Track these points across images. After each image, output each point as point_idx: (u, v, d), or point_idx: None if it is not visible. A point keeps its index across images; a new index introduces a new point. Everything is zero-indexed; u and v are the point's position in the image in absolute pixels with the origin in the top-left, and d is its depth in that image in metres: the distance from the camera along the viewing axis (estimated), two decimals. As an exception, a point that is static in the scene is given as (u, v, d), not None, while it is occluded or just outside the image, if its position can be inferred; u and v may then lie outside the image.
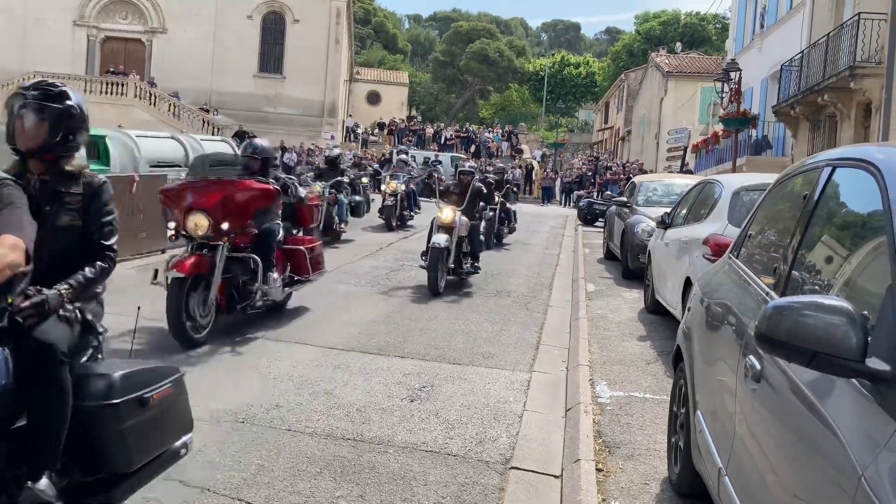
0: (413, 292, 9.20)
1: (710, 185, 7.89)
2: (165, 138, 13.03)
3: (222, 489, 3.60)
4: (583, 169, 35.86)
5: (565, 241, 17.03)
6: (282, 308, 7.59)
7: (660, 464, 4.23)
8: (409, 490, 3.80)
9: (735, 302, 3.08)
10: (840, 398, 1.86)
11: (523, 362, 6.46)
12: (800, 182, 3.02)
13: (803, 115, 19.53)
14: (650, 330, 7.80)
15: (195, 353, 5.94)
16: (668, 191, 12.15)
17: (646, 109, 41.48)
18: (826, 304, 1.80)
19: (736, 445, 2.59)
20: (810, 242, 2.58)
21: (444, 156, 34.76)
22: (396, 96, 52.96)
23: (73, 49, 37.77)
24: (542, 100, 60.20)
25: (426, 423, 4.79)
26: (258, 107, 38.55)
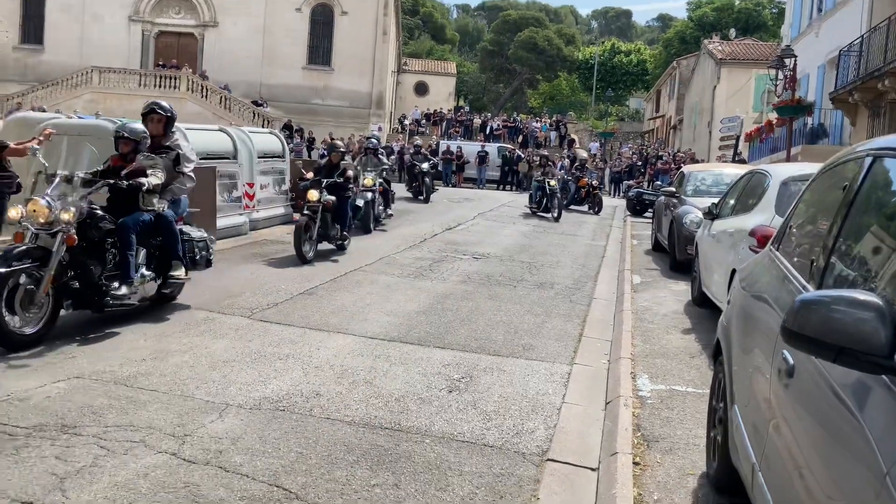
0: (455, 284, 9.23)
1: (758, 175, 7.71)
2: (214, 131, 13.24)
3: (260, 476, 3.68)
4: (632, 158, 35.34)
5: (613, 231, 16.83)
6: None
7: (698, 458, 4.17)
8: (444, 480, 3.83)
9: (772, 295, 3.02)
10: (869, 395, 1.81)
11: (564, 354, 6.42)
12: (841, 173, 2.93)
13: (862, 101, 18.93)
14: (696, 323, 7.68)
15: (237, 340, 6.06)
16: (718, 181, 11.90)
17: (698, 97, 40.67)
18: (855, 298, 1.75)
19: (769, 441, 2.54)
20: (848, 235, 2.51)
21: (491, 146, 34.67)
22: (444, 87, 52.92)
23: (129, 44, 38.74)
24: (591, 88, 59.53)
25: (464, 413, 4.81)
26: (307, 99, 38.98)
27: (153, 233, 6.63)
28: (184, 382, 5.00)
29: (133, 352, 5.64)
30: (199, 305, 7.24)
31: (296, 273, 9.24)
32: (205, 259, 7.26)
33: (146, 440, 4.01)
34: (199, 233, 7.31)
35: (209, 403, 4.64)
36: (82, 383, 4.85)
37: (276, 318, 6.95)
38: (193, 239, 7.11)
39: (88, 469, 3.62)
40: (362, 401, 4.89)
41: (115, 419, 4.28)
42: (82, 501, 3.31)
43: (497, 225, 16.37)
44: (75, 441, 3.93)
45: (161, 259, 6.77)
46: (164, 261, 6.78)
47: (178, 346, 5.87)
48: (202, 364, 5.43)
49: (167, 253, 6.76)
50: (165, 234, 6.69)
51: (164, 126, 6.97)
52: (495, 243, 13.21)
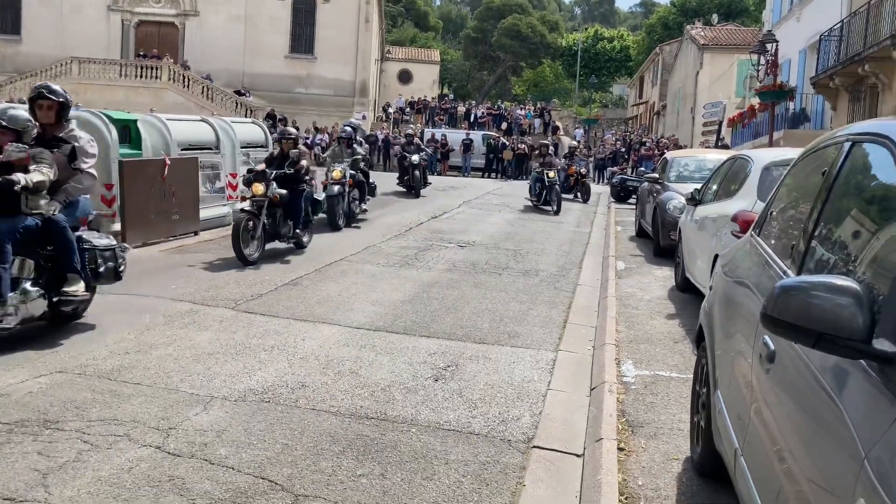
0: (441, 273, 9.23)
1: (740, 160, 7.75)
2: (196, 121, 13.12)
3: (246, 468, 3.67)
4: (616, 145, 35.41)
5: (597, 218, 16.88)
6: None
7: (682, 443, 4.21)
8: (429, 469, 3.83)
9: (753, 281, 3.03)
10: (848, 380, 1.83)
11: (549, 341, 6.45)
12: (821, 158, 2.95)
13: (843, 86, 19.04)
14: (679, 308, 7.72)
15: (222, 332, 6.04)
16: (701, 166, 11.98)
17: (681, 83, 40.77)
18: (834, 284, 1.77)
19: (751, 426, 2.56)
20: (827, 220, 2.53)
21: (476, 134, 34.64)
22: (428, 75, 52.72)
23: (109, 34, 38.26)
24: (575, 75, 59.48)
25: (450, 402, 4.82)
26: (290, 88, 38.72)
27: (42, 241, 5.67)
28: (168, 375, 4.97)
29: (116, 345, 5.60)
30: (183, 297, 7.20)
31: (280, 264, 9.20)
32: (112, 271, 6.12)
33: (130, 434, 3.99)
34: (106, 240, 6.22)
35: (194, 396, 4.62)
36: (65, 378, 4.82)
37: (261, 309, 6.93)
38: (96, 248, 6.02)
39: (71, 464, 3.59)
40: (348, 391, 4.89)
41: (99, 413, 4.25)
42: (65, 497, 3.29)
43: (482, 213, 16.37)
44: (58, 436, 3.90)
45: (54, 272, 5.75)
46: (58, 274, 5.75)
47: (162, 338, 5.84)
48: (186, 356, 5.40)
49: (60, 264, 5.74)
50: (57, 242, 5.69)
51: (57, 114, 5.97)
52: (481, 231, 13.21)
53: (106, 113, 10.48)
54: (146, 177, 10.06)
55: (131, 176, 9.72)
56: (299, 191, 9.85)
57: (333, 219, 12.26)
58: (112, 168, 9.74)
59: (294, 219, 9.79)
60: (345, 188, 12.59)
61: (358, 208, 13.37)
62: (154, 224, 10.22)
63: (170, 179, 10.37)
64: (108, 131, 9.89)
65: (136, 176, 9.85)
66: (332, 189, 12.30)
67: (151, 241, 10.12)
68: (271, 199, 9.19)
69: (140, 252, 9.65)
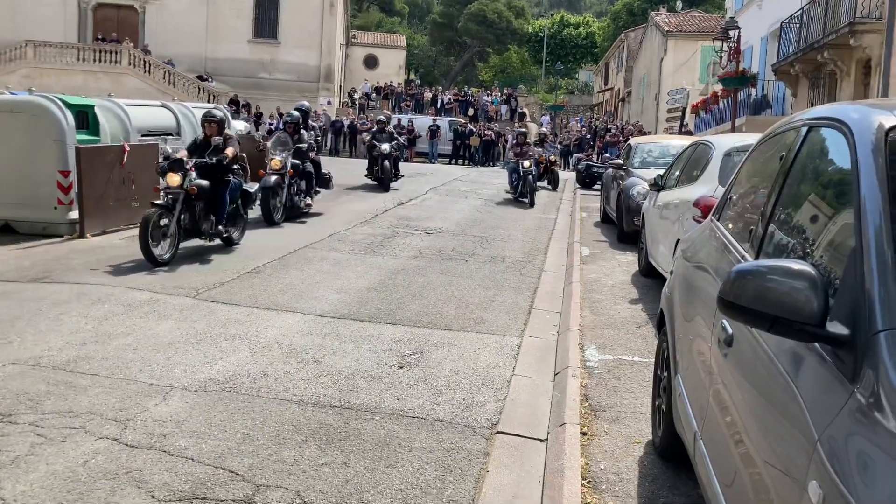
0: (407, 260, 9.19)
1: (702, 146, 7.82)
2: (156, 107, 12.88)
3: (206, 459, 3.61)
4: (582, 132, 35.57)
5: (563, 204, 16.95)
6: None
7: (644, 426, 4.24)
8: (393, 456, 3.82)
9: (713, 265, 3.05)
10: (802, 363, 1.84)
11: (514, 327, 6.46)
12: (778, 143, 2.97)
13: (803, 73, 19.32)
14: (643, 293, 7.79)
15: (182, 321, 5.94)
16: (664, 152, 12.05)
17: (646, 70, 41.04)
18: (789, 268, 1.77)
19: (710, 409, 2.58)
20: (785, 205, 2.55)
21: (443, 120, 34.52)
22: (394, 60, 52.32)
23: (65, 17, 37.27)
24: (541, 61, 59.56)
25: (414, 389, 4.80)
26: (253, 73, 38.19)
27: None
28: (126, 366, 4.88)
29: (73, 335, 5.48)
30: (142, 286, 7.08)
31: (244, 251, 9.08)
32: None
33: (86, 426, 3.90)
34: None
35: (153, 386, 4.54)
36: (18, 369, 4.70)
37: (223, 297, 6.83)
38: None
39: (24, 458, 3.51)
40: (311, 380, 4.84)
41: (54, 405, 4.15)
42: (17, 492, 3.21)
43: (449, 199, 16.34)
44: (10, 430, 3.80)
45: None
46: None
47: (121, 328, 5.73)
48: (146, 346, 5.31)
49: None
50: None
51: None
52: (447, 218, 13.19)
53: (61, 98, 10.22)
54: (105, 163, 9.84)
55: (89, 163, 9.50)
56: (224, 182, 8.84)
57: (268, 213, 11.21)
58: (69, 154, 9.52)
59: (217, 214, 8.81)
60: (284, 179, 11.48)
61: (302, 201, 12.12)
62: (113, 211, 10.02)
63: (129, 166, 10.16)
64: (64, 117, 9.66)
65: (94, 163, 9.63)
66: (267, 179, 11.19)
67: (111, 229, 9.93)
68: (188, 191, 8.20)
69: (99, 240, 9.46)
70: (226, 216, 8.94)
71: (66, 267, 7.83)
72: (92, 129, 10.58)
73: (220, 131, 8.98)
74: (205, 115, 9.23)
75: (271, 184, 11.17)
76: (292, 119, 12.46)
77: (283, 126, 12.59)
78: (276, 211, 11.37)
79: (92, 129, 10.58)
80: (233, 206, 9.16)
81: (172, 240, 8.15)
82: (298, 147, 11.95)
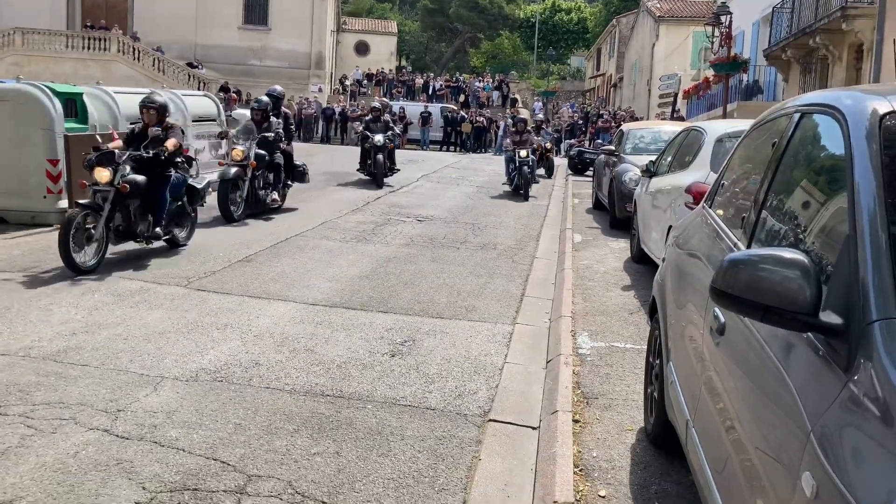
0: (399, 247, 9.16)
1: (694, 132, 7.80)
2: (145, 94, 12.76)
3: (197, 449, 3.60)
4: (574, 117, 35.50)
5: (555, 191, 16.93)
6: None
7: (636, 414, 4.25)
8: (385, 445, 3.81)
9: (704, 252, 3.04)
10: (795, 353, 1.83)
11: (506, 315, 6.45)
12: (770, 129, 2.95)
13: (795, 58, 19.30)
14: (635, 280, 7.79)
15: (173, 310, 5.91)
16: (656, 138, 12.04)
17: (637, 55, 40.95)
18: (782, 257, 1.76)
19: (702, 397, 2.58)
20: (777, 192, 2.53)
21: (434, 106, 34.39)
22: (385, 46, 52.08)
23: (53, 4, 36.85)
24: (533, 47, 59.36)
25: (406, 377, 4.79)
26: (244, 60, 37.90)
27: None
28: (117, 356, 4.85)
29: (63, 325, 5.45)
30: (133, 276, 7.03)
31: (234, 239, 9.04)
32: None
33: (77, 417, 3.88)
34: None
35: (143, 377, 4.51)
36: (8, 360, 4.66)
37: (214, 286, 6.80)
38: None
39: (14, 450, 3.48)
40: (303, 369, 4.83)
41: (44, 397, 4.13)
42: (7, 484, 3.18)
43: (441, 187, 16.29)
44: (0, 421, 3.78)
45: None
46: None
47: (111, 318, 5.69)
48: (136, 336, 5.28)
49: None
50: None
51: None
52: (439, 205, 13.15)
53: (49, 86, 10.11)
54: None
55: (78, 151, 9.39)
56: (164, 177, 7.78)
57: (227, 209, 10.14)
58: (57, 143, 9.43)
59: (156, 213, 7.72)
60: (245, 171, 10.41)
61: (268, 196, 10.98)
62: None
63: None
64: (52, 105, 9.56)
65: (83, 151, 9.52)
66: (226, 171, 10.27)
67: (100, 218, 9.83)
68: (119, 188, 7.19)
69: (88, 229, 9.39)
70: (169, 215, 7.99)
71: (55, 257, 7.75)
72: (80, 117, 10.47)
73: (159, 119, 7.95)
74: (143, 100, 8.19)
75: (230, 176, 10.18)
76: (260, 105, 11.29)
77: (251, 113, 11.39)
78: (237, 207, 10.34)
79: (80, 117, 10.47)
80: (177, 205, 8.19)
81: (99, 244, 7.14)
82: (264, 136, 10.79)
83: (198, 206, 8.73)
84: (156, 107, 7.94)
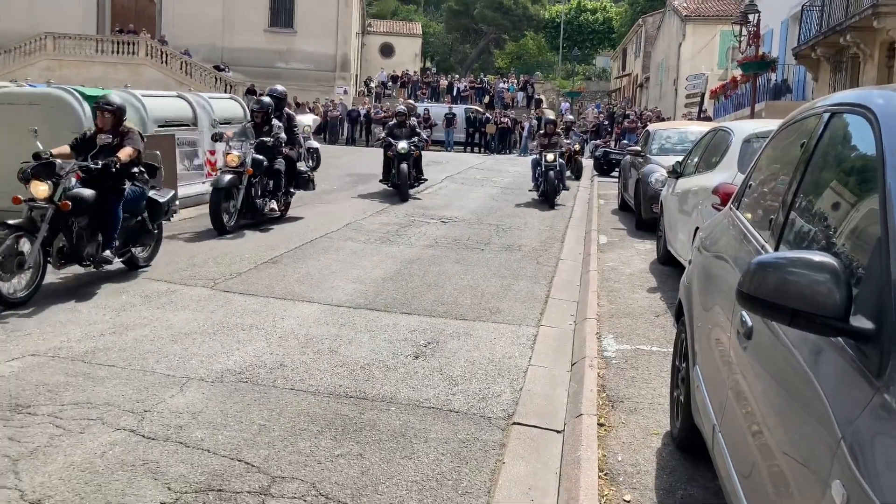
0: (422, 249, 9.16)
1: (721, 132, 7.71)
2: (172, 97, 12.90)
3: (222, 450, 3.62)
4: (599, 118, 35.31)
5: (580, 192, 16.83)
6: None
7: (662, 417, 4.20)
8: (409, 447, 3.80)
9: (732, 255, 3.00)
10: (825, 358, 1.79)
11: (531, 317, 6.42)
12: (799, 129, 2.90)
13: (825, 56, 19.01)
14: (661, 282, 7.71)
15: (199, 311, 5.96)
16: (683, 139, 11.93)
17: (664, 55, 40.62)
18: (811, 260, 1.72)
19: (729, 402, 2.54)
20: (806, 193, 2.48)
21: (459, 108, 34.40)
22: (410, 48, 52.17)
23: (83, 8, 37.42)
24: (558, 48, 59.13)
25: (430, 379, 4.78)
26: (270, 62, 38.17)
27: None
28: (143, 357, 4.90)
29: (91, 326, 5.52)
30: (161, 277, 7.11)
31: (261, 241, 9.10)
32: None
33: (104, 417, 3.92)
34: None
35: (170, 377, 4.55)
36: (38, 361, 4.73)
37: (240, 287, 6.85)
38: None
39: (43, 449, 3.53)
40: (327, 370, 4.84)
41: (72, 397, 4.18)
42: (36, 483, 3.23)
43: (465, 188, 16.28)
44: (29, 421, 3.83)
45: None
46: None
47: (139, 319, 5.75)
48: (163, 337, 5.33)
49: None
50: None
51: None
52: (463, 206, 13.14)
53: (78, 89, 10.26)
54: (122, 154, 9.85)
55: (106, 154, 9.53)
56: (117, 191, 6.75)
57: (218, 220, 9.25)
58: (86, 146, 9.55)
59: (106, 233, 6.69)
60: (241, 178, 9.54)
61: (266, 205, 10.03)
62: (131, 202, 10.04)
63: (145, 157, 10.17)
64: (81, 108, 9.69)
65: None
66: (219, 179, 9.42)
67: (129, 220, 9.96)
68: (58, 206, 6.13)
69: (117, 231, 9.51)
70: (127, 233, 7.03)
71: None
72: (109, 121, 10.60)
73: (116, 124, 6.92)
74: (97, 101, 7.15)
75: (224, 184, 9.30)
76: (261, 107, 10.32)
77: (251, 114, 10.45)
78: (229, 217, 9.45)
79: (109, 121, 10.60)
80: (135, 221, 7.14)
81: (34, 272, 6.10)
82: (262, 140, 9.85)
83: (163, 221, 7.64)
84: (112, 109, 6.91)
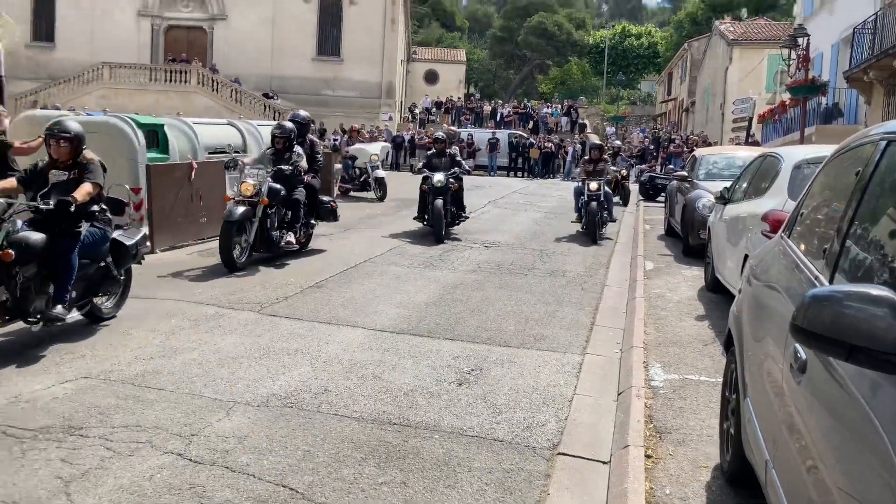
0: (466, 273, 9.16)
1: (770, 158, 7.58)
2: (222, 125, 13.22)
3: (267, 476, 3.64)
4: (644, 142, 35.05)
5: (625, 217, 16.69)
6: None
7: (712, 450, 4.10)
8: (452, 476, 3.77)
9: (784, 285, 2.93)
10: (883, 393, 1.73)
11: (576, 344, 6.35)
12: (854, 157, 2.83)
13: (877, 80, 18.60)
14: (709, 310, 7.57)
15: (246, 335, 6.03)
16: (730, 164, 11.76)
17: (710, 79, 40.24)
18: (868, 294, 1.67)
19: (782, 437, 2.46)
20: (862, 221, 2.42)
21: (502, 133, 34.50)
22: (454, 74, 52.66)
23: (139, 39, 38.75)
24: (602, 72, 59.07)
25: (473, 407, 4.75)
26: (317, 90, 38.88)
27: None
28: (191, 380, 4.98)
29: (141, 350, 5.63)
30: (209, 301, 7.23)
31: (307, 266, 9.20)
32: None
33: (152, 440, 3.99)
34: None
35: (216, 401, 4.61)
36: (90, 383, 4.84)
37: (286, 312, 6.92)
38: None
39: (94, 471, 3.59)
40: (371, 396, 4.85)
41: (122, 419, 4.26)
42: (87, 505, 3.29)
43: (508, 212, 16.27)
44: (81, 443, 3.91)
45: None
46: None
47: (187, 343, 5.85)
48: (210, 361, 5.41)
49: None
50: None
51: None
52: (506, 231, 13.12)
53: (133, 118, 10.59)
54: (173, 181, 10.13)
55: (159, 180, 9.80)
56: (72, 234, 5.65)
57: (228, 255, 8.47)
58: (140, 172, 9.82)
59: (59, 283, 5.59)
60: (255, 210, 8.77)
61: (283, 238, 9.26)
62: (181, 227, 10.30)
63: (197, 183, 10.44)
64: (136, 136, 9.98)
65: (164, 180, 9.93)
66: (232, 211, 8.54)
67: (179, 245, 10.20)
68: (0, 255, 5.10)
69: (167, 255, 9.72)
70: (88, 282, 6.00)
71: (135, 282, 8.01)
72: (162, 148, 10.91)
73: (72, 155, 5.82)
74: (49, 128, 5.86)
75: (236, 217, 8.48)
76: (284, 132, 9.54)
77: (272, 140, 9.68)
78: (241, 253, 8.65)
79: (162, 148, 10.91)
80: (97, 268, 6.10)
81: None
82: (279, 169, 9.10)
83: (130, 265, 6.57)
84: (69, 137, 5.79)
